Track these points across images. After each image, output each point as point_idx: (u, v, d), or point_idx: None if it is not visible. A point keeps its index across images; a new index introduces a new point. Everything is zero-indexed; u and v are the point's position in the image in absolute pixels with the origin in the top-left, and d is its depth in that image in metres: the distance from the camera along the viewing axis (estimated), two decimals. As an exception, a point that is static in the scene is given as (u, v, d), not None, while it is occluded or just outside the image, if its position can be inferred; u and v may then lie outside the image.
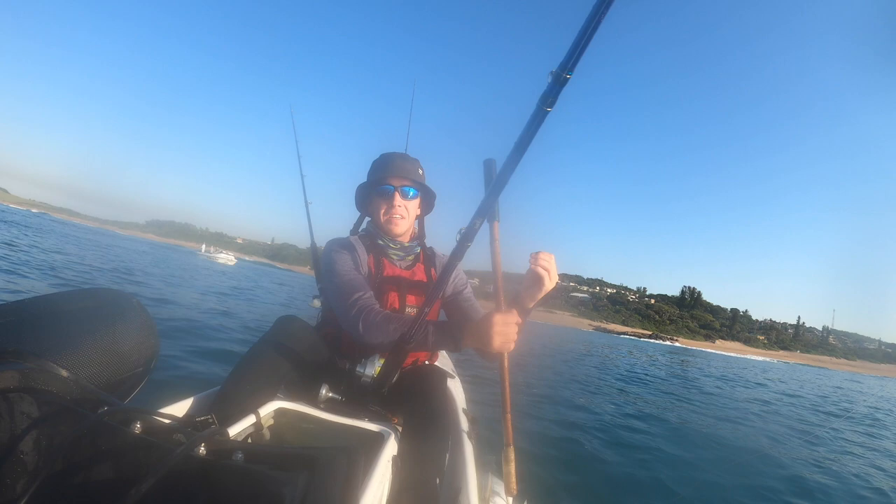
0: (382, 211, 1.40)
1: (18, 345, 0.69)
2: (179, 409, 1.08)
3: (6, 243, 9.94)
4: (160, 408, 0.95)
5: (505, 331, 1.07)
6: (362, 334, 1.17)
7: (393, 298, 1.37)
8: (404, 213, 1.40)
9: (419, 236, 1.53)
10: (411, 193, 1.41)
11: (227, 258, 52.64)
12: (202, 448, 0.57)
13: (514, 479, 1.24)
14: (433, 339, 1.14)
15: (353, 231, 1.54)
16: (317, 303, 1.65)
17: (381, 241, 1.42)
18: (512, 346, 1.10)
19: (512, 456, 1.23)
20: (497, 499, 1.31)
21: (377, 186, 1.40)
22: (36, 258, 8.53)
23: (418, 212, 1.49)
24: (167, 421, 0.63)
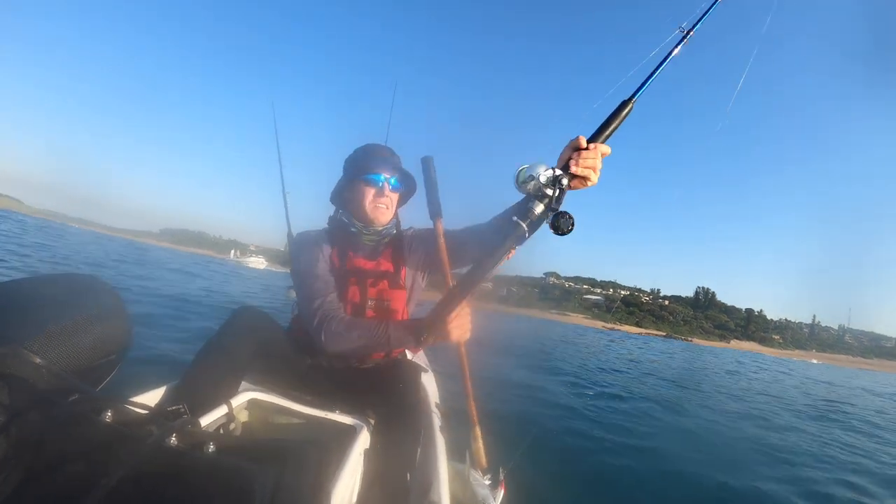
0: (369, 199, 1.39)
1: None
2: (151, 397, 1.07)
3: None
4: (132, 396, 0.94)
5: (460, 323, 1.13)
6: (325, 343, 1.19)
7: (353, 292, 1.37)
8: (389, 204, 1.42)
9: (394, 223, 1.51)
10: (398, 187, 1.45)
11: (257, 262, 53.57)
12: (174, 438, 0.56)
13: (482, 454, 1.34)
14: (393, 341, 1.18)
15: (333, 222, 1.50)
16: (293, 293, 1.64)
17: (353, 229, 1.42)
18: (468, 335, 1.16)
19: (479, 433, 1.33)
20: (474, 473, 1.36)
21: (366, 174, 1.39)
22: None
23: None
24: (139, 410, 0.63)
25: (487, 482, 1.35)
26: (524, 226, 0.95)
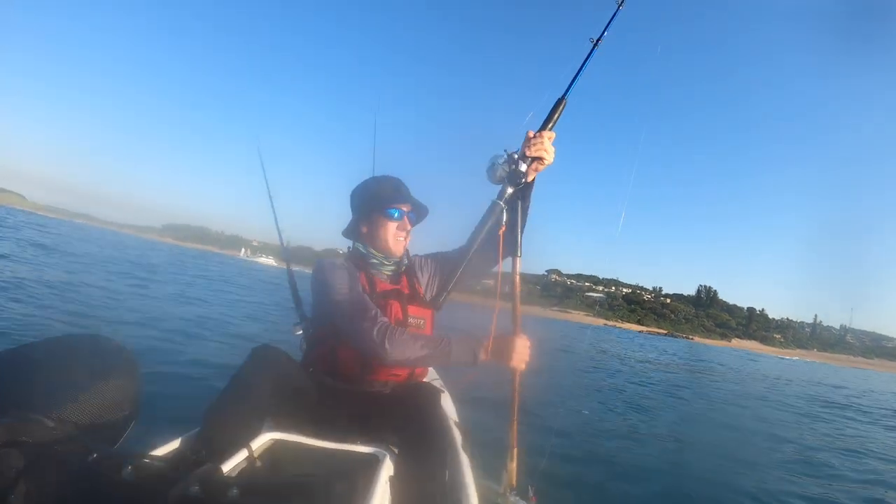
0: (391, 233, 1.44)
1: (1, 398, 0.70)
2: (169, 449, 1.06)
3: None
4: (150, 450, 0.95)
5: (523, 353, 1.24)
6: (389, 352, 1.17)
7: (396, 311, 1.40)
8: (407, 236, 1.49)
9: (406, 251, 1.56)
10: (413, 218, 1.52)
11: (267, 261, 53.53)
12: (196, 487, 0.56)
13: (514, 475, 1.40)
14: (454, 356, 1.21)
15: (353, 254, 1.52)
16: (299, 330, 1.59)
17: (374, 260, 1.46)
18: (525, 366, 1.25)
19: (515, 455, 1.39)
20: (509, 495, 1.41)
21: (387, 209, 1.44)
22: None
23: None
24: (159, 462, 0.63)
25: (514, 497, 1.41)
26: (501, 203, 1.21)
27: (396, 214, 1.45)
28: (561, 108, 1.32)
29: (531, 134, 1.28)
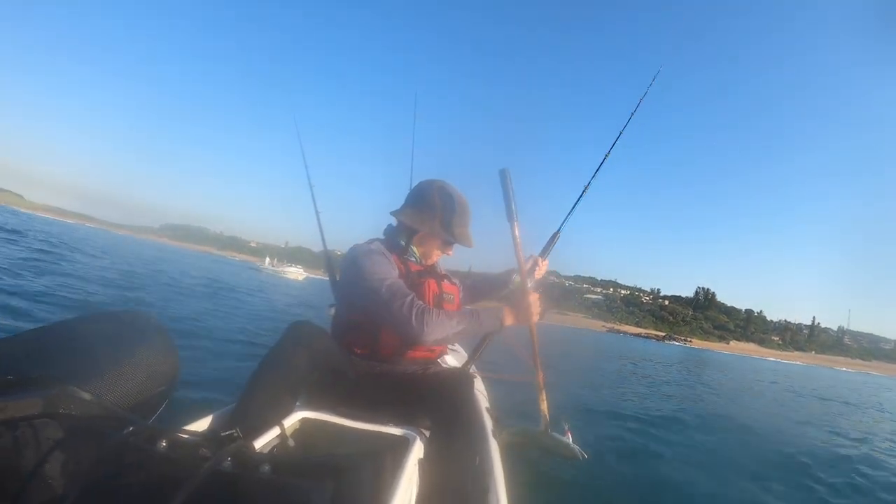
0: (438, 252, 1.52)
1: (41, 371, 0.71)
2: (203, 425, 1.08)
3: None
4: (184, 425, 0.96)
5: (535, 307, 1.35)
6: (425, 333, 1.19)
7: (433, 287, 1.45)
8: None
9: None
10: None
11: (296, 273, 48.46)
12: (229, 462, 0.58)
13: (546, 413, 1.52)
14: (484, 326, 1.30)
15: (391, 242, 1.52)
16: (332, 311, 1.60)
17: (413, 258, 1.51)
18: (538, 317, 1.36)
19: (544, 397, 1.50)
20: (549, 431, 1.50)
21: (454, 239, 1.48)
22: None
23: None
24: (192, 437, 0.64)
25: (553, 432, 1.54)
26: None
27: (454, 246, 1.55)
28: (556, 239, 1.75)
29: (540, 262, 1.68)
